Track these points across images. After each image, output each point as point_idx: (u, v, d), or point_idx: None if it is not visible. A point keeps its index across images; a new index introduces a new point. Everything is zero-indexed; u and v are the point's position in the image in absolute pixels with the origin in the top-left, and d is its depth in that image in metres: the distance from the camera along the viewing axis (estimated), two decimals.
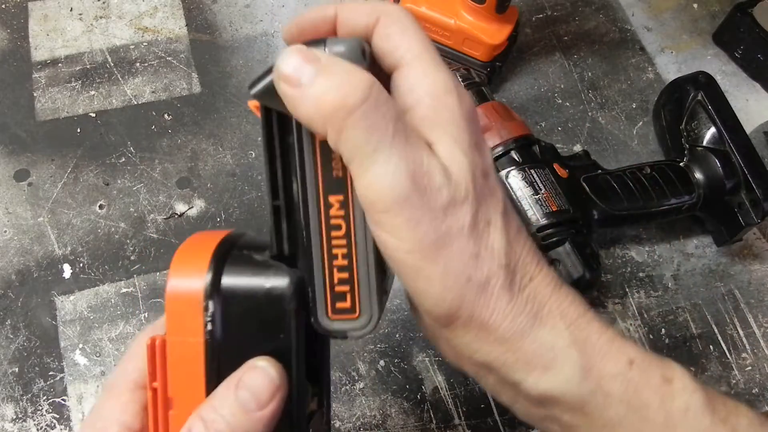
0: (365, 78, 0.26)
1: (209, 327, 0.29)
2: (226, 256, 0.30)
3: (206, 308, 0.28)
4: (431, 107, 0.28)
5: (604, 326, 0.31)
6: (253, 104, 0.30)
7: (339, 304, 0.30)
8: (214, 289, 0.29)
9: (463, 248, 0.27)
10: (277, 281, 0.29)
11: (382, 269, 0.30)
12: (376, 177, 0.26)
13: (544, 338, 0.29)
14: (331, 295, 0.29)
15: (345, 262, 0.29)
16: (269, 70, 0.28)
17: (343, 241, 0.29)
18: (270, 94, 0.28)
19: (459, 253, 0.27)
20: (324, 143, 0.28)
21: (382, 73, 0.30)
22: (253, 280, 0.29)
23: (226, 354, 0.29)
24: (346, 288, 0.29)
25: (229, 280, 0.29)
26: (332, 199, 0.29)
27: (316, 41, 0.28)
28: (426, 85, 0.29)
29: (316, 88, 0.26)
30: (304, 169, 0.29)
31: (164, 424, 0.29)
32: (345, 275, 0.29)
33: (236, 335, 0.29)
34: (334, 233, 0.29)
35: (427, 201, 0.27)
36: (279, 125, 0.29)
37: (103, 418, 0.30)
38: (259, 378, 0.28)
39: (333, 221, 0.29)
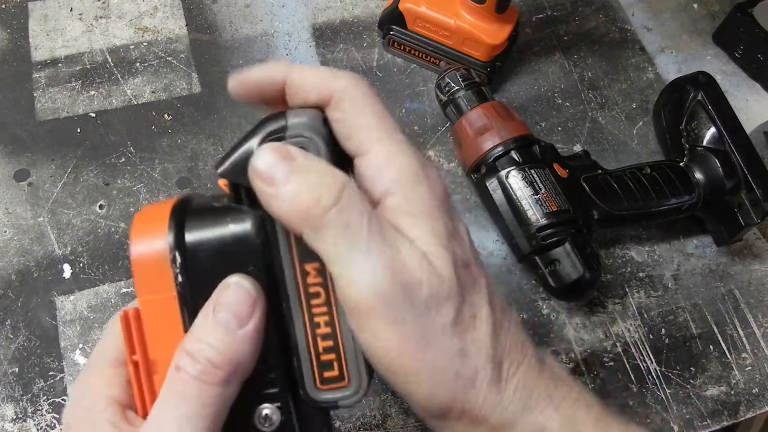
0: (339, 177, 0.27)
1: (180, 279, 0.28)
2: (185, 210, 0.29)
3: (173, 260, 0.28)
4: (403, 197, 0.28)
5: (590, 402, 0.31)
6: (222, 182, 0.30)
7: (327, 374, 0.29)
8: (179, 240, 0.28)
9: (448, 345, 0.27)
10: (240, 223, 0.29)
11: None
12: (356, 276, 0.26)
13: (534, 423, 0.29)
14: (317, 365, 0.29)
15: (328, 330, 0.29)
16: (234, 148, 0.29)
17: (324, 309, 0.29)
18: (237, 172, 0.28)
19: (445, 350, 0.27)
20: None
21: (339, 148, 0.30)
22: (216, 225, 0.29)
23: (201, 302, 0.28)
24: (332, 356, 0.29)
25: (192, 229, 0.29)
26: (308, 267, 0.28)
27: (276, 114, 0.29)
28: (393, 173, 0.28)
29: (291, 186, 0.26)
30: (277, 241, 0.28)
31: (150, 393, 0.29)
32: (330, 343, 0.29)
33: (207, 281, 0.28)
34: (314, 301, 0.29)
35: (409, 297, 0.26)
36: (248, 200, 0.29)
37: (89, 395, 0.30)
38: (233, 294, 0.28)
39: (312, 289, 0.29)
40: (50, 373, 0.52)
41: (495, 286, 0.31)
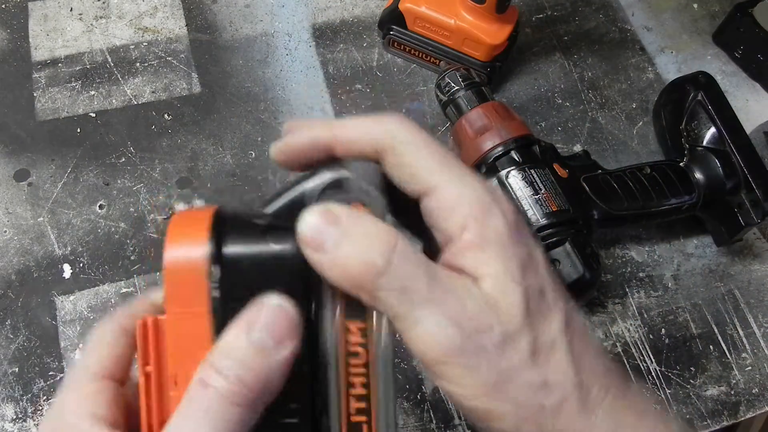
0: (388, 236, 0.26)
1: (215, 294, 0.27)
2: (224, 223, 0.28)
3: (210, 274, 0.27)
4: (476, 233, 0.27)
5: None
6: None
7: None
8: (218, 254, 0.27)
9: (529, 380, 0.27)
10: (282, 243, 0.27)
11: (395, 398, 0.29)
12: (423, 334, 0.26)
13: None
14: (347, 426, 0.28)
15: (363, 391, 0.28)
16: (286, 191, 0.28)
17: (362, 369, 0.28)
18: (286, 216, 0.27)
19: (526, 385, 0.27)
20: None
21: (397, 191, 0.29)
22: (257, 244, 0.27)
23: (232, 320, 0.27)
24: (363, 418, 0.28)
25: (232, 244, 0.27)
26: (352, 325, 0.28)
27: (333, 165, 0.28)
28: (464, 209, 0.28)
29: (341, 253, 0.26)
30: (321, 291, 0.28)
31: (160, 408, 0.28)
32: (362, 405, 0.28)
33: (242, 299, 0.27)
34: (352, 360, 0.28)
35: (481, 344, 0.26)
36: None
37: (70, 413, 0.28)
38: (275, 315, 0.26)
39: (352, 348, 0.28)
40: (50, 373, 0.52)
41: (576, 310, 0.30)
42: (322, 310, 0.28)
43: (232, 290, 0.27)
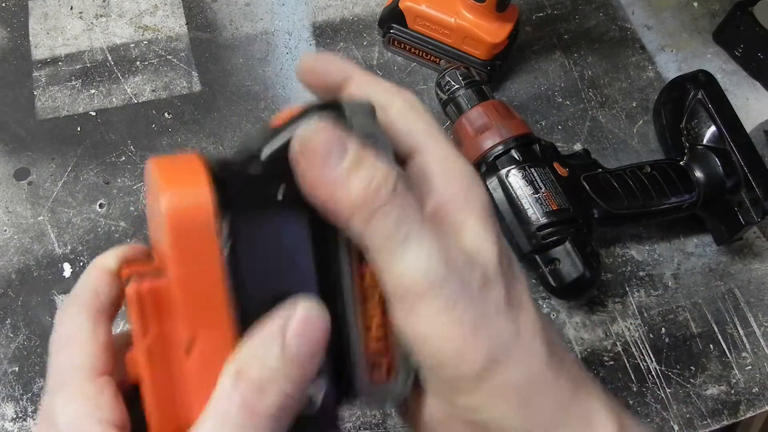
0: (393, 168, 0.27)
1: (227, 252, 0.25)
2: (220, 171, 0.26)
3: (220, 231, 0.25)
4: (461, 191, 0.29)
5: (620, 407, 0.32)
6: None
7: (375, 374, 0.29)
8: (225, 207, 0.25)
9: (503, 327, 0.27)
10: (289, 190, 0.26)
11: None
12: (410, 263, 0.26)
13: (586, 405, 0.29)
14: (368, 366, 0.28)
15: (380, 332, 0.28)
16: (276, 134, 0.27)
17: (379, 310, 0.28)
18: (280, 162, 0.26)
19: (500, 332, 0.27)
20: None
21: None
22: (264, 192, 0.26)
23: (251, 280, 0.25)
24: (381, 357, 0.29)
25: (238, 195, 0.25)
26: (365, 269, 0.27)
27: (329, 104, 0.27)
28: (452, 170, 0.29)
29: (344, 174, 0.26)
30: (331, 235, 0.27)
31: (165, 378, 0.26)
32: (380, 345, 0.28)
33: (257, 256, 0.26)
34: (368, 304, 0.28)
35: (462, 282, 0.27)
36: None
37: (75, 419, 0.26)
38: (310, 326, 0.26)
39: (366, 292, 0.28)
40: None
41: None
42: (335, 254, 0.27)
43: (244, 246, 0.25)
